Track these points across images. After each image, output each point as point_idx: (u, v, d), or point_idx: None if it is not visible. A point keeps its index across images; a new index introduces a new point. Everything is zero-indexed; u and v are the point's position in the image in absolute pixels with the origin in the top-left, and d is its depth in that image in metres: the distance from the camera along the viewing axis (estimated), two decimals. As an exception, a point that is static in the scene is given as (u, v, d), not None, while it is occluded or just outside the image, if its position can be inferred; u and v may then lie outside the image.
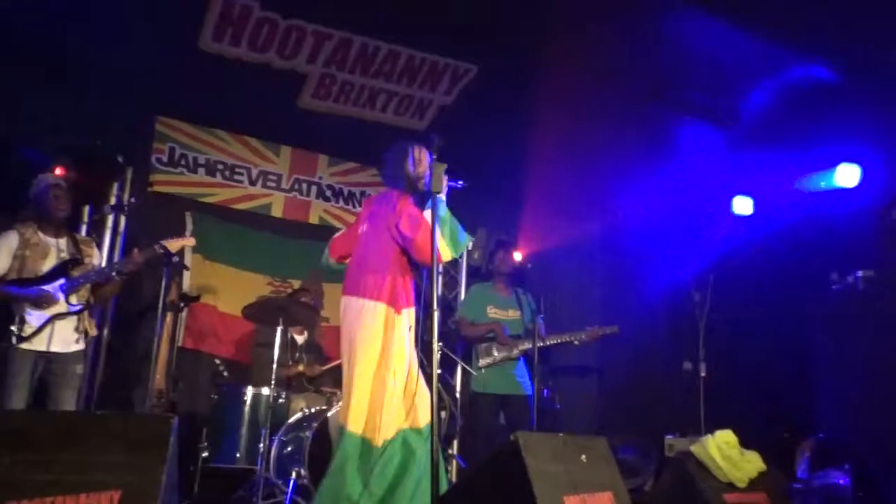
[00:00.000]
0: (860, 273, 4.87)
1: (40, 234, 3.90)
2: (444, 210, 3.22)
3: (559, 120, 5.62)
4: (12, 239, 3.82)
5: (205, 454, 4.38)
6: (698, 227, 6.37)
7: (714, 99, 5.42)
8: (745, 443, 3.39)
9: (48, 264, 3.84)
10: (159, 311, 3.92)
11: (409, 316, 3.30)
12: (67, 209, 3.98)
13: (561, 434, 3.08)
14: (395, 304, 3.22)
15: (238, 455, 4.41)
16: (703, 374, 5.46)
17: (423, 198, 3.34)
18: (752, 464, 3.24)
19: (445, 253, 3.22)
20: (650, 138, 5.80)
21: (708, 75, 5.19)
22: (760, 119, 5.57)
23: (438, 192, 3.08)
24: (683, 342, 5.96)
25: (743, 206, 6.16)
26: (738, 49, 4.90)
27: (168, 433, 2.06)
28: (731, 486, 3.14)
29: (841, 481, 4.25)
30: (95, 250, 4.13)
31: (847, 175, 5.40)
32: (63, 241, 3.96)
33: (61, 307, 3.78)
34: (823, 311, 5.38)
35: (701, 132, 5.78)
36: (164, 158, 5.88)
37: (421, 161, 3.43)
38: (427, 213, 3.18)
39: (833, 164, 5.46)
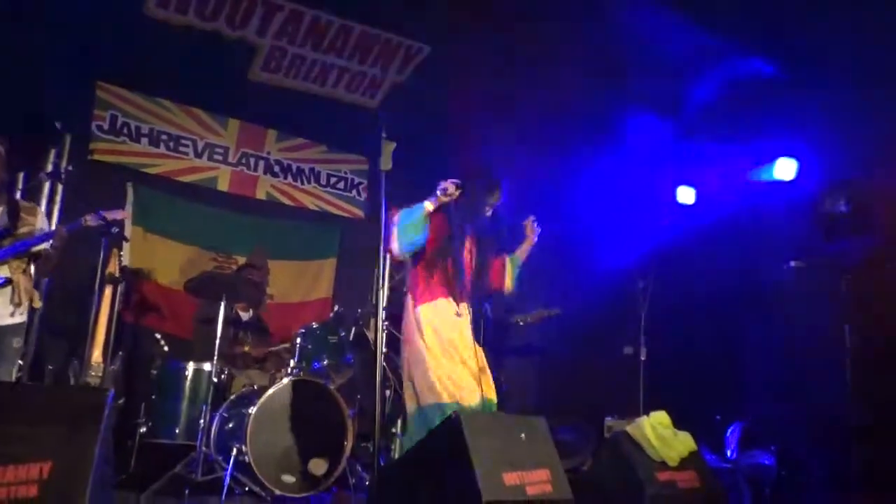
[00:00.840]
0: (792, 263, 5.05)
1: None
2: (417, 210, 3.37)
3: (508, 104, 5.65)
4: None
5: (143, 429, 4.30)
6: (643, 215, 6.50)
7: (659, 88, 5.52)
8: (679, 424, 3.51)
9: None
10: (97, 283, 3.80)
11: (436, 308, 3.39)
12: (4, 175, 3.82)
13: (501, 413, 3.14)
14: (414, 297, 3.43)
15: (177, 431, 4.35)
16: (643, 358, 5.60)
17: None
18: (683, 444, 3.35)
19: (394, 246, 3.32)
20: (598, 125, 5.88)
21: (656, 64, 5.28)
22: (705, 111, 5.71)
23: (387, 171, 3.06)
24: (625, 327, 6.09)
25: (686, 195, 6.31)
26: (685, 39, 5.00)
27: (102, 405, 2.02)
28: (663, 465, 3.24)
29: (766, 461, 4.44)
30: (39, 217, 3.94)
31: (785, 169, 5.58)
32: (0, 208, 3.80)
33: None
34: (757, 299, 5.58)
35: (648, 121, 5.89)
36: (105, 126, 5.70)
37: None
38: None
39: (773, 157, 5.64)
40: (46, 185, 5.12)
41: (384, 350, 4.32)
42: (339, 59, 5.67)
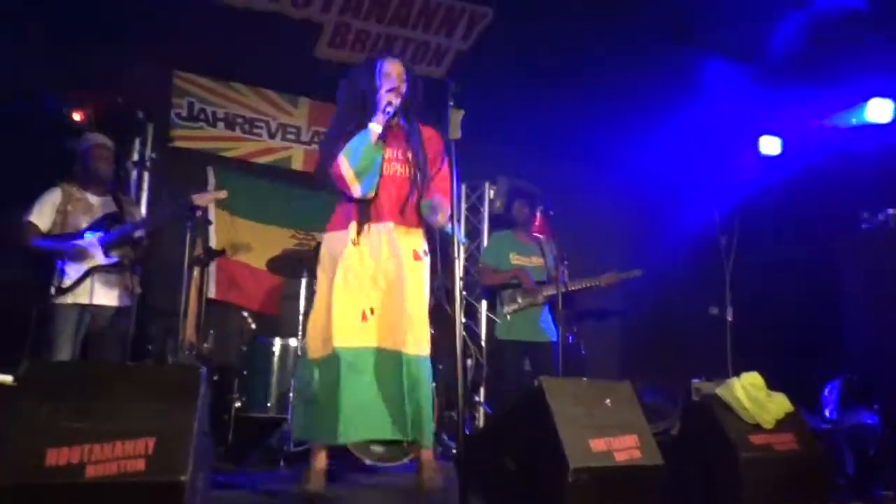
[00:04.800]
0: (891, 211, 4.75)
1: (84, 192, 4.00)
2: (363, 143, 2.97)
3: (579, 63, 5.50)
4: (56, 195, 3.93)
5: (237, 404, 4.49)
6: (724, 169, 6.25)
7: (737, 34, 5.25)
8: (773, 385, 3.38)
9: (89, 220, 3.92)
10: (185, 265, 3.97)
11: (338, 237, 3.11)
12: (109, 169, 4.06)
13: (584, 378, 3.10)
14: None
15: (269, 404, 4.51)
16: (729, 318, 5.42)
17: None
18: (778, 405, 3.22)
19: (354, 189, 2.99)
20: (673, 78, 5.65)
21: (731, 10, 5.01)
22: (787, 55, 5.40)
23: (456, 139, 3.01)
24: (709, 286, 5.91)
25: (770, 145, 6.02)
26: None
27: (198, 382, 2.10)
28: (757, 428, 3.13)
29: (869, 420, 4.23)
30: (138, 209, 4.21)
31: (879, 110, 5.24)
32: (106, 200, 4.05)
33: (98, 260, 3.85)
34: (853, 251, 5.29)
35: (725, 70, 5.62)
36: (184, 113, 5.88)
37: (390, 74, 3.09)
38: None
39: (864, 99, 5.30)
40: (133, 174, 5.35)
41: (462, 320, 4.34)
42: (403, 29, 5.65)
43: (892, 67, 5.04)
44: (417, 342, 2.99)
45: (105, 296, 3.87)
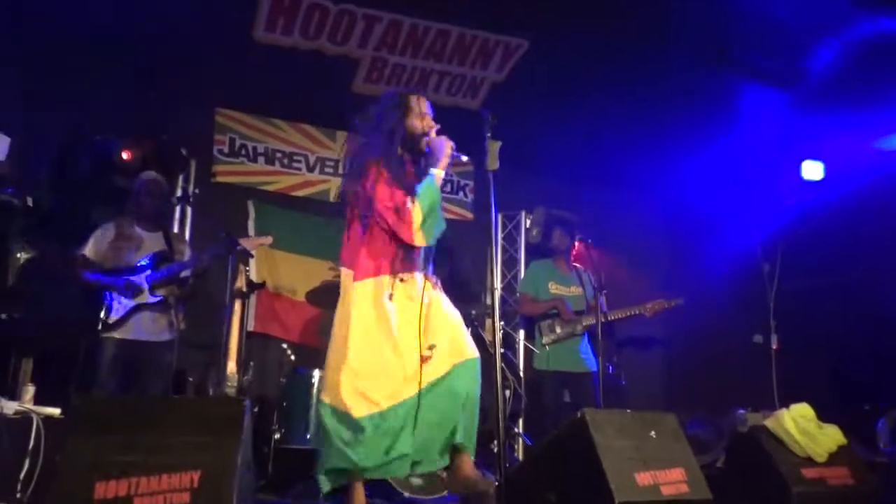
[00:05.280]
0: (943, 235, 4.63)
1: (136, 228, 4.13)
2: (435, 190, 2.86)
3: (616, 91, 5.50)
4: (109, 231, 4.08)
5: (277, 436, 4.50)
6: (765, 195, 6.16)
7: (778, 60, 5.20)
8: (823, 417, 3.28)
9: (140, 256, 4.02)
10: (227, 299, 4.04)
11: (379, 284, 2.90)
12: (159, 204, 4.18)
13: (628, 410, 3.05)
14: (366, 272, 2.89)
15: (309, 436, 4.51)
16: (774, 347, 5.30)
17: (425, 160, 2.98)
18: (831, 437, 3.13)
19: (418, 238, 2.83)
20: (713, 105, 5.61)
21: (771, 35, 4.98)
22: (828, 79, 5.33)
23: (494, 170, 3.00)
24: (753, 314, 5.79)
25: (812, 170, 5.91)
26: (802, 5, 4.68)
27: (241, 414, 2.13)
28: (809, 461, 3.04)
29: (926, 453, 4.08)
30: (187, 247, 4.32)
31: (923, 133, 5.13)
32: (157, 235, 4.16)
33: (145, 298, 3.95)
34: (902, 277, 5.15)
35: (766, 96, 5.56)
36: (225, 149, 6.02)
37: (423, 115, 3.02)
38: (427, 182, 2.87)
39: (908, 122, 5.20)
40: (177, 209, 5.48)
41: (501, 350, 4.30)
42: (439, 63, 5.71)
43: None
44: (472, 344, 2.89)
45: (149, 332, 3.96)
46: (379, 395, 2.71)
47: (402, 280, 2.87)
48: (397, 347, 2.79)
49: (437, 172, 2.89)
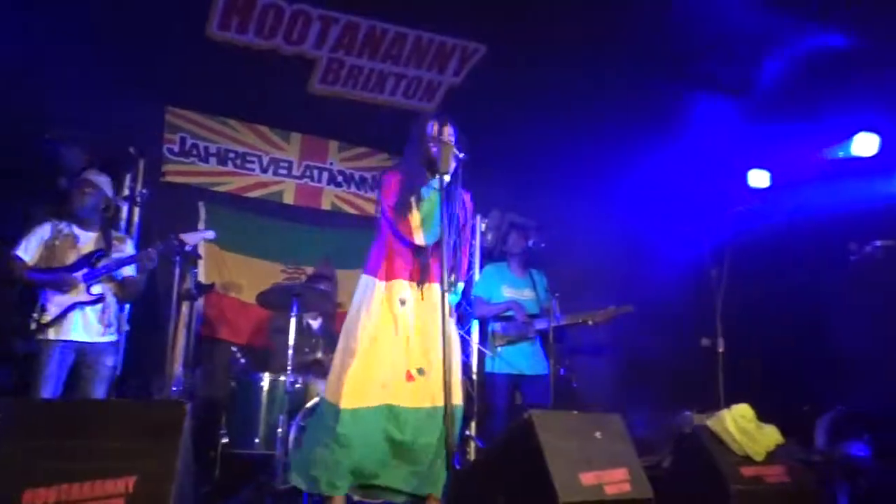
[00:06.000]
0: (879, 242, 4.78)
1: (73, 227, 4.02)
2: (432, 194, 3.05)
3: (571, 97, 5.57)
4: (44, 230, 3.96)
5: (224, 440, 4.43)
6: (714, 202, 6.29)
7: (727, 69, 5.34)
8: (764, 417, 3.36)
9: (76, 255, 3.92)
10: (174, 300, 3.96)
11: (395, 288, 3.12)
12: (94, 203, 4.07)
13: (575, 411, 3.08)
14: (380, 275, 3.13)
15: (257, 441, 4.45)
16: (720, 350, 5.42)
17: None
18: (769, 437, 3.22)
19: (417, 236, 3.07)
20: (665, 112, 5.72)
21: (720, 45, 5.10)
22: (775, 89, 5.48)
23: (446, 173, 3.04)
24: (701, 318, 5.91)
25: (759, 179, 6.07)
26: (751, 16, 4.81)
27: (182, 418, 2.09)
28: (748, 460, 3.12)
29: (861, 453, 4.21)
30: (128, 246, 4.21)
31: (865, 144, 5.31)
32: (95, 235, 4.05)
33: (81, 296, 3.84)
34: (842, 283, 5.31)
35: (714, 105, 5.69)
36: (176, 149, 5.91)
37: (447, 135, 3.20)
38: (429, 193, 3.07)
39: (850, 133, 5.37)
40: (124, 210, 5.35)
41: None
42: (396, 66, 5.71)
43: (877, 102, 5.11)
44: (458, 392, 3.03)
45: (89, 332, 3.85)
46: (366, 393, 2.91)
47: (418, 286, 3.09)
48: (394, 350, 2.99)
49: (435, 183, 3.02)
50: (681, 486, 3.16)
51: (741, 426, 3.16)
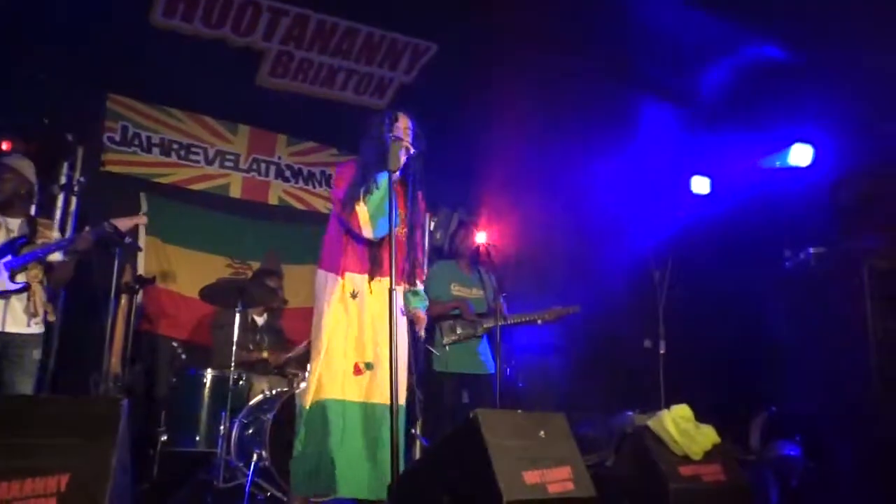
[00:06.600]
0: (812, 250, 4.97)
1: None
2: (383, 188, 3.03)
3: (520, 98, 5.61)
4: None
5: (164, 438, 4.32)
6: (658, 206, 6.44)
7: (674, 79, 5.47)
8: (702, 417, 3.46)
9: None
10: (112, 293, 3.82)
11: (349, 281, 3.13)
12: (15, 190, 3.87)
13: (519, 411, 3.11)
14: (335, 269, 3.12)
15: (198, 438, 4.36)
16: (662, 351, 5.54)
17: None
18: (706, 437, 3.31)
19: (366, 230, 3.06)
20: (613, 116, 5.82)
21: (668, 53, 5.22)
22: (719, 99, 5.64)
23: (395, 171, 3.03)
24: (644, 320, 6.04)
25: (701, 185, 6.24)
26: (698, 28, 4.93)
27: (117, 415, 2.02)
28: (686, 459, 3.20)
29: (792, 452, 4.37)
30: (54, 232, 4.01)
31: (800, 155, 5.51)
32: (16, 222, 3.86)
33: (4, 285, 3.66)
34: (777, 288, 5.50)
35: (661, 111, 5.82)
36: (117, 137, 5.73)
37: (404, 129, 3.21)
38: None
39: (788, 143, 5.56)
40: (60, 198, 5.14)
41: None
42: (346, 61, 5.66)
43: (812, 115, 5.31)
44: (403, 391, 3.02)
45: (12, 323, 3.67)
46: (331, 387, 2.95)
47: (369, 280, 3.09)
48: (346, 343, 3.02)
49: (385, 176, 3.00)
50: (622, 485, 3.23)
51: (680, 426, 3.24)
